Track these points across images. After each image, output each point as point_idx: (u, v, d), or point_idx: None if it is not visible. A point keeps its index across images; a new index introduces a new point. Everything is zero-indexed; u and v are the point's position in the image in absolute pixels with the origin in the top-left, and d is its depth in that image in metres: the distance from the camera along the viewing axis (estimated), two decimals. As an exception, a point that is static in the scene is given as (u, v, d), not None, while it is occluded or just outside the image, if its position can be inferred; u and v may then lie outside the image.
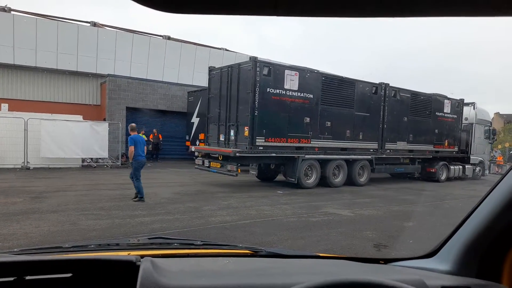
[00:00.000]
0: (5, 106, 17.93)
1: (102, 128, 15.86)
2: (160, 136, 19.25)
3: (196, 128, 18.56)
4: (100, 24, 21.28)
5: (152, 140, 18.95)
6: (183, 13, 0.50)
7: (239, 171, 10.76)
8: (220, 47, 24.92)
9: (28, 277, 0.96)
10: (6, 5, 18.63)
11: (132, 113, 19.56)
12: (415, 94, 14.96)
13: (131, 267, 0.95)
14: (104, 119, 18.33)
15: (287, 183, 12.28)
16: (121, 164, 16.44)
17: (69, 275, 0.99)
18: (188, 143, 19.34)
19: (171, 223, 6.50)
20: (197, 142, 17.95)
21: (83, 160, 15.71)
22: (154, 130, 19.04)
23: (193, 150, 13.51)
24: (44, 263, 0.98)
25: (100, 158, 16.17)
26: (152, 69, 21.55)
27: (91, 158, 15.95)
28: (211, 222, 6.66)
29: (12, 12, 18.72)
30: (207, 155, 12.12)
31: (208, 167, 11.82)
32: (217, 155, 11.53)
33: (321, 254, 1.57)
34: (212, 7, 0.49)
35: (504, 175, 1.17)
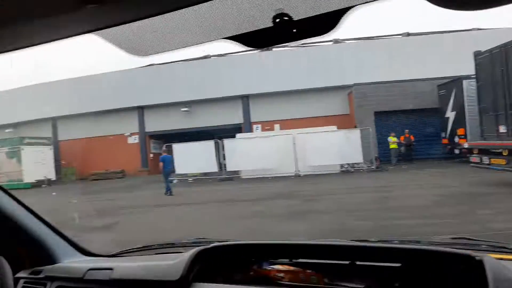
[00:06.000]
0: (277, 126, 22.11)
1: (355, 135, 16.87)
2: (412, 137, 18.44)
3: (452, 123, 16.64)
4: (341, 39, 22.86)
5: (403, 141, 18.43)
6: None
7: None
8: (469, 28, 21.50)
9: (358, 263, 1.10)
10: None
11: (380, 117, 19.73)
12: None
13: (469, 263, 0.94)
14: (355, 126, 19.35)
15: None
16: (376, 168, 16.81)
17: (398, 264, 1.07)
18: (445, 141, 17.58)
19: (441, 227, 6.11)
20: (456, 138, 16.06)
21: (341, 166, 17.13)
22: (406, 131, 18.44)
23: (466, 146, 12.10)
24: (371, 250, 1.13)
25: (356, 163, 17.16)
26: (392, 69, 21.09)
27: (348, 164, 17.17)
28: (490, 229, 5.81)
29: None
30: (485, 151, 10.63)
31: (488, 164, 10.33)
32: (500, 150, 9.95)
33: None
34: None
35: None
